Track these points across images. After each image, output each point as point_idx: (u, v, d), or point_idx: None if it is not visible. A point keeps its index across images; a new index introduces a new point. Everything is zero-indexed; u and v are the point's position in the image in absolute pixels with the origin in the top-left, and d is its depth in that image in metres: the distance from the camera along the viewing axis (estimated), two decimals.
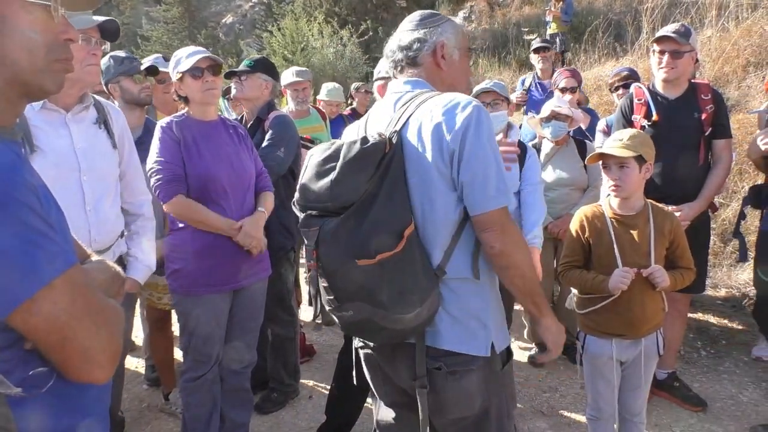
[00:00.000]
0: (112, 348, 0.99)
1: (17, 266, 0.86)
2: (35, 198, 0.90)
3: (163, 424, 3.39)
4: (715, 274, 4.83)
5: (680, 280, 2.41)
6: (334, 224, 1.53)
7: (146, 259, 2.52)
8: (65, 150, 2.18)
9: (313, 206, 1.57)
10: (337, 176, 1.52)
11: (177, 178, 2.54)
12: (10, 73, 0.97)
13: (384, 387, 1.87)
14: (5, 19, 0.95)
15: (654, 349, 2.47)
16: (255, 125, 3.37)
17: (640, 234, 2.39)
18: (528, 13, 13.81)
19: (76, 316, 0.93)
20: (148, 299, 3.33)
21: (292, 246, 3.45)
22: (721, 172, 3.23)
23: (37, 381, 0.95)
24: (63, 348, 0.93)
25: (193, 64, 2.54)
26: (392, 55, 1.78)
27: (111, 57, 3.11)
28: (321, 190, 1.54)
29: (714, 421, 3.21)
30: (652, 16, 8.58)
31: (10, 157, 0.91)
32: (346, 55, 12.92)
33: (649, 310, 2.40)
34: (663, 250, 2.42)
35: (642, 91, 3.34)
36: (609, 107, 6.21)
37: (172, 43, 16.97)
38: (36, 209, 0.89)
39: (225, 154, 2.65)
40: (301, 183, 1.60)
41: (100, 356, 0.97)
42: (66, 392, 1.00)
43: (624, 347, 2.44)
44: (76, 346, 0.94)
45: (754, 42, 7.12)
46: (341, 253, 1.53)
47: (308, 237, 1.56)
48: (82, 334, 0.94)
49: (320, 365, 4.05)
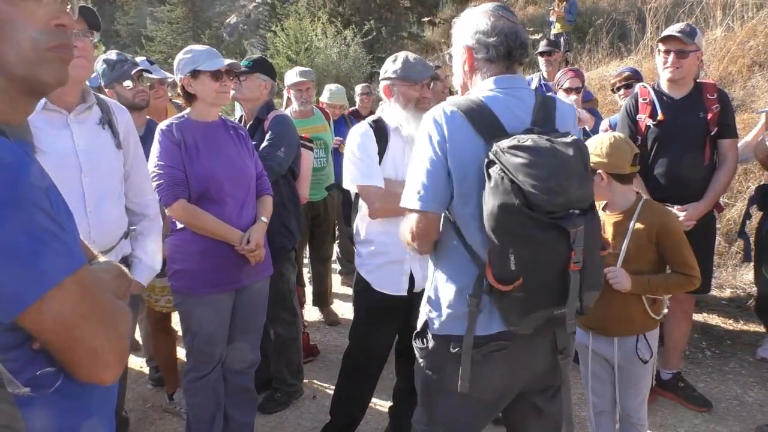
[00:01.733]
0: (121, 348, 0.99)
1: (27, 266, 0.86)
2: (46, 198, 0.90)
3: (167, 424, 3.39)
4: (720, 275, 4.81)
5: (659, 285, 2.35)
6: (593, 220, 1.67)
7: (150, 261, 2.50)
8: (66, 151, 2.17)
9: (575, 206, 1.61)
10: (588, 173, 1.67)
11: (178, 182, 2.55)
12: (4, 70, 0.95)
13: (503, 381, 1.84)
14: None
15: (632, 353, 2.40)
16: (254, 125, 3.37)
17: (616, 233, 2.40)
18: (532, 13, 13.81)
19: (85, 317, 0.93)
20: (147, 301, 3.34)
21: (293, 246, 3.45)
22: (726, 172, 3.21)
23: (44, 381, 0.95)
24: (72, 348, 0.93)
25: (218, 68, 2.54)
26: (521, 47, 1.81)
27: (104, 61, 3.09)
28: (584, 189, 1.63)
29: (719, 421, 3.20)
30: (656, 16, 8.55)
31: (21, 157, 0.90)
32: (350, 55, 12.92)
33: (616, 311, 2.35)
34: (645, 251, 2.37)
35: (647, 90, 3.33)
36: (613, 107, 6.19)
37: (176, 44, 17.01)
38: (46, 209, 0.89)
39: (226, 155, 2.65)
40: (555, 185, 1.55)
41: (109, 356, 0.96)
42: (73, 392, 1.00)
43: (601, 343, 2.46)
44: (85, 347, 0.94)
45: (759, 42, 7.09)
46: (598, 246, 1.71)
47: (576, 237, 1.60)
48: (91, 334, 0.94)
49: (324, 365, 4.05)
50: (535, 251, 1.58)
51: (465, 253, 1.73)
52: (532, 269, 1.59)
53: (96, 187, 2.24)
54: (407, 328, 2.81)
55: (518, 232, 1.56)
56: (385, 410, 3.19)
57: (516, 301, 1.62)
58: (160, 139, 2.59)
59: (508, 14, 1.79)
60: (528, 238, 1.57)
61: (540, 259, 1.59)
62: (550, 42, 6.24)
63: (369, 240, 2.68)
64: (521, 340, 1.74)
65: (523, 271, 1.57)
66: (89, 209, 2.21)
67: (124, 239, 2.43)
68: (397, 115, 2.60)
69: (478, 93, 1.77)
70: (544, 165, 1.53)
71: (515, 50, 1.77)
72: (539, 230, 1.56)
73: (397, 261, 2.62)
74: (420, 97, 2.58)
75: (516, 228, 1.56)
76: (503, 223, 1.56)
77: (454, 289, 1.77)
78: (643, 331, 2.42)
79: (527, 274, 1.58)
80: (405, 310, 2.73)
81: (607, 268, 2.32)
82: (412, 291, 2.65)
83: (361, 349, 2.85)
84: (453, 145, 1.69)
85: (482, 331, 1.73)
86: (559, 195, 1.55)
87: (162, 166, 2.55)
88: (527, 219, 1.54)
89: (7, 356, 0.91)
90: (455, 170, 1.70)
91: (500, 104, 1.72)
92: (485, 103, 1.72)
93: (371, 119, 2.73)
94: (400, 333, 2.87)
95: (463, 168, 1.68)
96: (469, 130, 1.68)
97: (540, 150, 1.56)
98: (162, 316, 3.40)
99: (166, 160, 2.56)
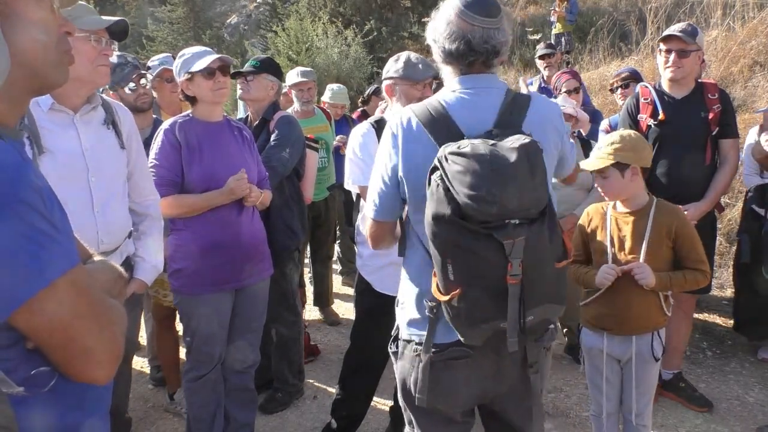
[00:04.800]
0: (115, 348, 0.99)
1: (20, 266, 0.87)
2: (39, 198, 0.90)
3: (168, 424, 3.40)
4: (721, 275, 4.81)
5: (679, 281, 2.39)
6: (541, 230, 1.52)
7: (153, 260, 2.51)
8: (73, 151, 2.17)
9: (514, 215, 1.47)
10: (538, 179, 1.51)
11: (168, 182, 2.58)
12: (27, 69, 0.99)
13: (467, 392, 1.78)
14: (18, 15, 0.96)
15: (647, 351, 2.43)
16: (260, 126, 3.36)
17: (634, 231, 2.41)
18: (533, 13, 13.80)
19: (78, 316, 0.93)
20: (154, 297, 3.34)
21: (296, 246, 3.45)
22: (727, 172, 3.22)
23: (39, 380, 0.95)
24: (65, 348, 0.94)
25: (206, 65, 2.55)
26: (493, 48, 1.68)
27: None
28: (526, 197, 1.48)
29: (720, 421, 3.20)
30: (657, 16, 8.55)
31: (15, 158, 0.92)
32: (351, 55, 12.91)
33: (636, 308, 2.38)
34: (662, 248, 2.40)
35: (648, 90, 3.33)
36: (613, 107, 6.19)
37: (177, 44, 16.97)
38: (40, 209, 0.90)
39: (229, 156, 2.66)
40: (486, 194, 1.44)
41: (102, 357, 0.97)
42: (68, 391, 1.00)
43: (615, 343, 2.46)
44: (78, 347, 0.94)
45: (760, 42, 7.09)
46: (547, 257, 1.56)
47: (513, 248, 1.48)
48: (85, 334, 0.94)
49: (325, 365, 4.06)
50: (468, 262, 1.50)
51: (424, 258, 1.69)
52: (468, 280, 1.51)
53: (103, 187, 2.25)
54: None
55: (452, 242, 1.49)
56: (385, 410, 3.19)
57: (456, 311, 1.55)
58: (161, 138, 2.62)
59: (471, 17, 1.64)
60: (462, 249, 1.49)
61: (475, 270, 1.51)
62: (548, 45, 6.24)
63: None
64: (488, 350, 1.66)
65: (461, 282, 1.50)
66: (97, 209, 2.22)
67: (128, 239, 2.45)
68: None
69: (440, 95, 1.72)
70: (475, 173, 1.43)
71: (474, 51, 1.65)
72: (473, 241, 1.48)
73: (399, 262, 2.62)
74: (422, 97, 2.57)
75: (450, 238, 1.49)
76: (437, 233, 1.50)
77: (416, 293, 1.75)
78: (658, 327, 2.45)
79: (465, 286, 1.51)
80: None
81: (632, 263, 2.34)
82: None
83: (362, 350, 2.85)
84: (406, 153, 1.66)
85: (442, 339, 1.68)
86: (491, 204, 1.43)
87: (156, 166, 2.60)
88: (461, 228, 1.47)
89: (0, 356, 0.91)
90: (407, 177, 1.67)
91: (461, 106, 1.67)
92: (443, 106, 1.66)
93: (373, 119, 2.74)
94: None
95: (416, 175, 1.62)
96: (424, 136, 1.64)
97: (475, 156, 1.45)
98: (168, 313, 3.40)
99: (161, 160, 2.60)
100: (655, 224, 2.39)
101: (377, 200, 1.76)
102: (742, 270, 3.76)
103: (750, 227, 3.65)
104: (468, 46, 1.64)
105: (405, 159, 1.67)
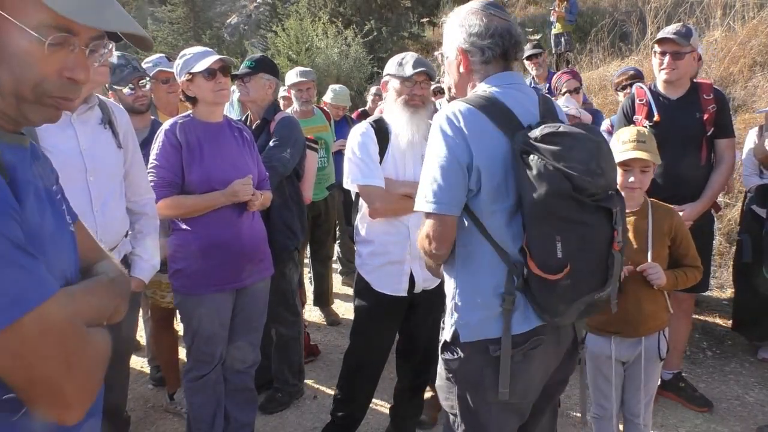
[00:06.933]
0: (88, 388, 0.93)
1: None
2: (14, 222, 0.85)
3: (168, 424, 3.40)
4: (721, 275, 4.81)
5: (682, 278, 2.40)
6: (623, 200, 1.72)
7: (151, 258, 2.53)
8: (71, 151, 2.18)
9: (612, 187, 1.69)
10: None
11: (168, 183, 2.57)
12: (7, 95, 0.93)
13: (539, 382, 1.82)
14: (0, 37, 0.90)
15: (654, 351, 2.44)
16: (261, 126, 3.36)
17: (636, 231, 2.40)
18: (532, 12, 13.81)
19: (44, 356, 0.86)
20: (152, 298, 3.34)
21: (296, 246, 3.45)
22: (723, 172, 3.22)
23: (12, 406, 0.90)
24: (28, 388, 0.87)
25: (208, 66, 2.55)
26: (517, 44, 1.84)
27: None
28: (615, 171, 1.75)
29: (720, 421, 3.20)
30: (656, 16, 8.55)
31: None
32: (351, 55, 12.93)
33: (646, 309, 2.39)
34: (663, 248, 2.41)
35: (643, 91, 3.34)
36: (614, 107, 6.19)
37: (177, 44, 16.98)
38: (12, 237, 0.83)
39: (229, 157, 2.66)
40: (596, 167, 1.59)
41: (71, 399, 0.90)
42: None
43: (624, 346, 2.45)
44: (43, 388, 0.87)
45: (760, 41, 7.09)
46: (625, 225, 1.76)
47: (617, 216, 1.65)
48: (51, 375, 0.87)
49: (325, 365, 4.06)
50: (582, 235, 1.60)
51: (491, 251, 1.69)
52: (579, 254, 1.60)
53: (101, 187, 2.26)
54: (407, 328, 2.83)
55: (566, 217, 1.58)
56: (385, 410, 3.19)
57: (562, 289, 1.61)
58: (162, 139, 2.62)
59: (499, 12, 1.78)
60: (576, 223, 1.59)
61: (588, 242, 1.61)
62: (534, 45, 6.23)
63: (369, 240, 2.68)
64: (552, 333, 1.74)
65: (570, 258, 1.58)
66: (96, 209, 2.23)
67: (125, 238, 2.46)
68: (393, 113, 2.61)
69: (484, 90, 1.75)
70: (583, 149, 1.57)
71: (510, 49, 1.77)
72: (586, 213, 1.59)
73: (398, 261, 2.63)
74: (410, 94, 2.57)
75: (564, 213, 1.58)
76: (553, 209, 1.57)
77: (485, 290, 1.71)
78: (663, 327, 2.46)
79: (574, 260, 1.59)
80: (405, 310, 2.73)
81: (645, 263, 2.34)
82: (412, 291, 2.66)
83: (362, 349, 2.85)
84: (477, 142, 1.65)
85: (519, 329, 1.68)
86: (600, 176, 1.58)
87: (156, 166, 2.60)
88: (575, 204, 1.57)
89: None
90: (483, 166, 1.65)
91: (512, 99, 1.73)
92: (499, 99, 1.71)
93: (372, 119, 2.75)
94: (401, 333, 2.88)
95: (492, 163, 1.65)
96: (490, 125, 1.67)
97: (576, 135, 1.59)
98: (166, 314, 3.40)
99: (161, 160, 2.59)
100: (655, 224, 2.39)
101: (440, 193, 1.67)
102: (742, 270, 3.77)
103: (751, 227, 3.65)
104: (508, 43, 1.77)
105: (477, 148, 1.65)
